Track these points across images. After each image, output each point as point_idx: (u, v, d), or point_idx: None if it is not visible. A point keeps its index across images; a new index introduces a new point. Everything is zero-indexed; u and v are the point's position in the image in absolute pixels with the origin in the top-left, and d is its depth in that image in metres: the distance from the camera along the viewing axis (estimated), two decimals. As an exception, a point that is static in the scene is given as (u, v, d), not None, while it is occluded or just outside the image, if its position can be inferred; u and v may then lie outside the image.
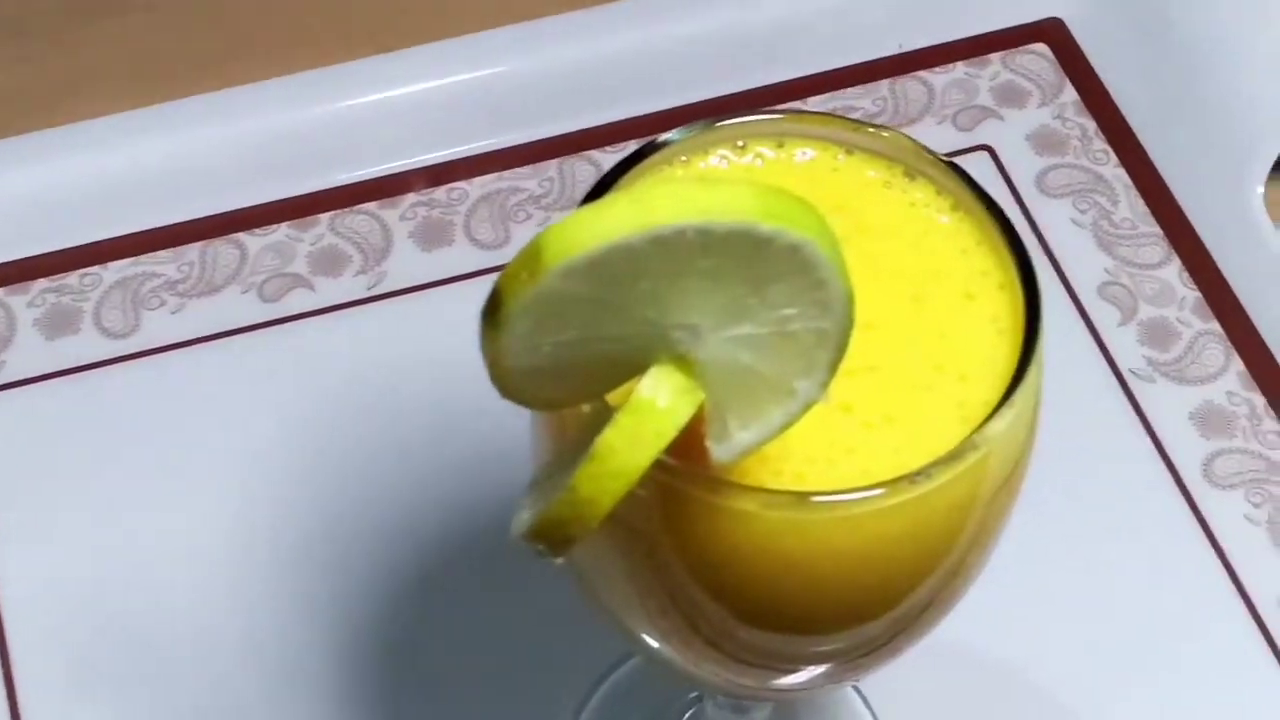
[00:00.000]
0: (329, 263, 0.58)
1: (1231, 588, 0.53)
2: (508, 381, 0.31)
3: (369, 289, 0.57)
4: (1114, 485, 0.54)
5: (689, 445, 0.33)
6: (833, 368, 0.32)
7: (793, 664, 0.40)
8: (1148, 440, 0.55)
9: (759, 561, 0.35)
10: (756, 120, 0.38)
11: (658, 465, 0.34)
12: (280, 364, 0.56)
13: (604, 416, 0.32)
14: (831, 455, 0.35)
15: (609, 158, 0.60)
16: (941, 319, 0.37)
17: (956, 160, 0.59)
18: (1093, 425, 0.56)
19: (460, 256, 0.58)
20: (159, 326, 0.57)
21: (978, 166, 0.61)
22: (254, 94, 0.60)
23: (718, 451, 0.32)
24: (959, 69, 0.63)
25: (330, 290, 0.57)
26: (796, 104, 0.61)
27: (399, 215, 0.59)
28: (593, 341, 0.30)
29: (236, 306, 0.57)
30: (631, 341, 0.30)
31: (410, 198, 0.59)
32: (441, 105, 0.61)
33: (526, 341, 0.30)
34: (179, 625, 0.51)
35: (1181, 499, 0.54)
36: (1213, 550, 0.53)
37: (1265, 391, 0.56)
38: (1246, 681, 0.51)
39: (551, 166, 0.60)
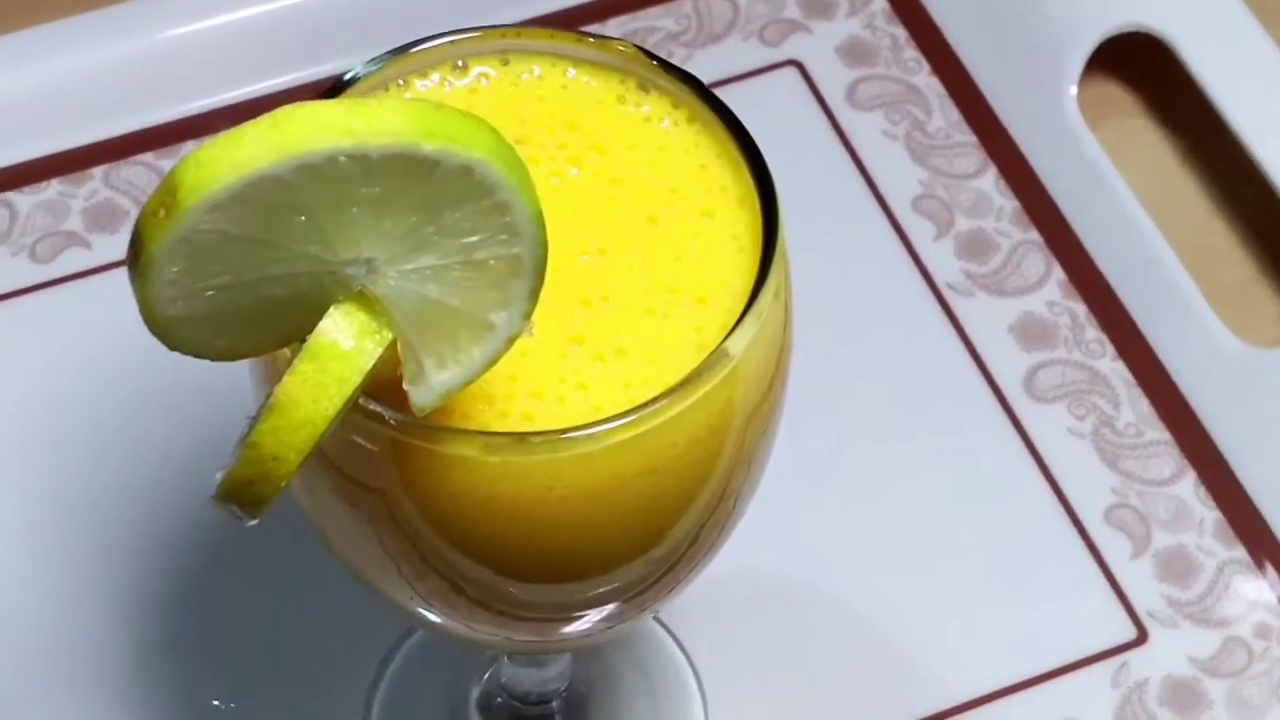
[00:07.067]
0: (105, 218, 0.55)
1: (1056, 503, 0.51)
2: (168, 332, 0.28)
3: (149, 244, 0.54)
4: (933, 404, 0.52)
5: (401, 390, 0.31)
6: (533, 296, 0.29)
7: (567, 612, 0.38)
8: (967, 356, 0.53)
9: (490, 510, 0.33)
10: (473, 38, 0.35)
11: (371, 415, 0.32)
12: (56, 326, 0.53)
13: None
14: (561, 392, 0.33)
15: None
16: (678, 240, 0.34)
17: (764, 78, 0.59)
18: (910, 344, 0.54)
19: (245, 205, 0.55)
20: (-75, 295, 0.54)
21: (786, 83, 0.58)
22: (10, 45, 0.56)
23: (416, 395, 0.30)
24: (765, -19, 0.60)
25: (108, 247, 0.54)
26: (595, 28, 0.59)
27: (178, 164, 0.56)
28: (257, 284, 0.28)
29: (7, 269, 0.54)
30: (301, 281, 0.28)
31: (189, 145, 0.56)
32: (222, 46, 0.57)
33: (180, 288, 0.27)
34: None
35: (1003, 415, 0.52)
36: (1036, 466, 0.52)
37: (1086, 299, 0.54)
38: (1076, 597, 0.50)
39: (338, 105, 0.57)
